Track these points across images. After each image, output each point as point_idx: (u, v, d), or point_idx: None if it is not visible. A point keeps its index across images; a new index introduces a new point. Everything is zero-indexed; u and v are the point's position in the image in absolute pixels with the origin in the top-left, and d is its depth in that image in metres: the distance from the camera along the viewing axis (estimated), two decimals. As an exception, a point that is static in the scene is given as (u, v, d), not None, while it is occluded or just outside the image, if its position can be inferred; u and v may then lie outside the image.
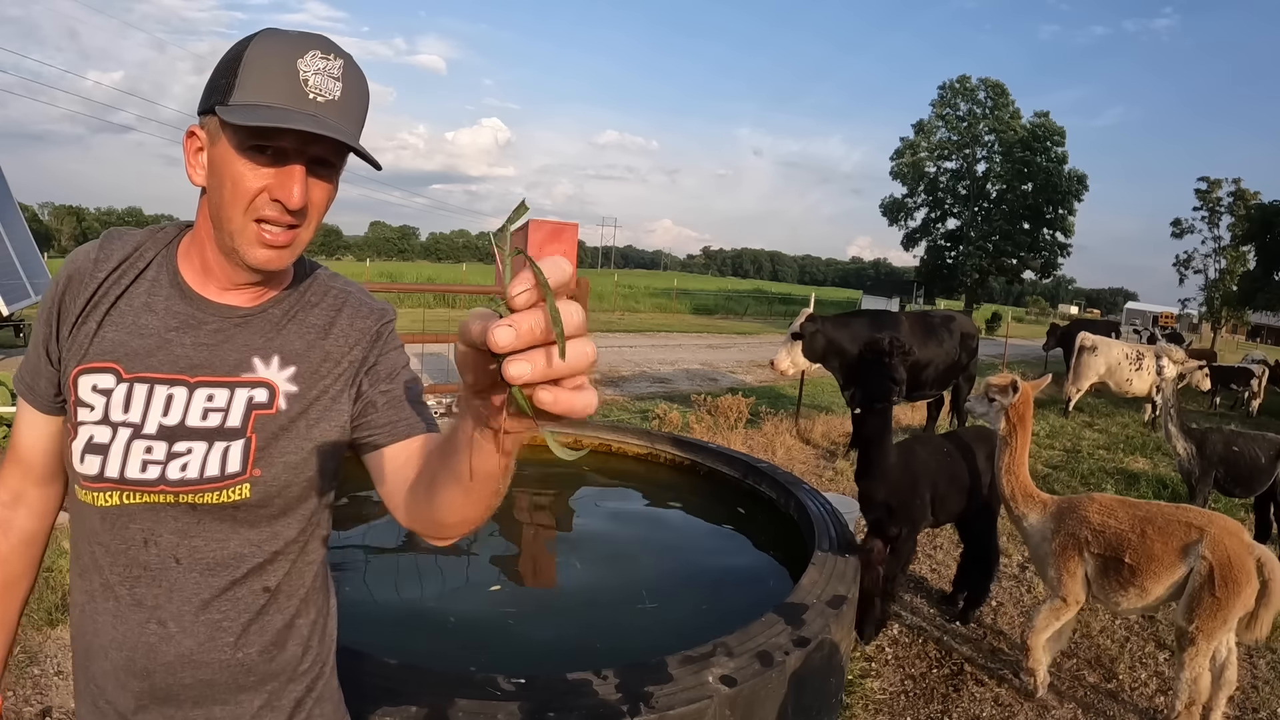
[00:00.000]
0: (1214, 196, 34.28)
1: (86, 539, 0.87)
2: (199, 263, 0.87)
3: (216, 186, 0.80)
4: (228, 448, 0.85)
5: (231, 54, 0.79)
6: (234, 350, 0.87)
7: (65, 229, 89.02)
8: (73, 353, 0.85)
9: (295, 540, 0.92)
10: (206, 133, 0.80)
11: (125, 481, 0.83)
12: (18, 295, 9.26)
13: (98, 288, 0.85)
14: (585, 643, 2.31)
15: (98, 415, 0.83)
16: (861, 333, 6.39)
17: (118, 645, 0.86)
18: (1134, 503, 2.87)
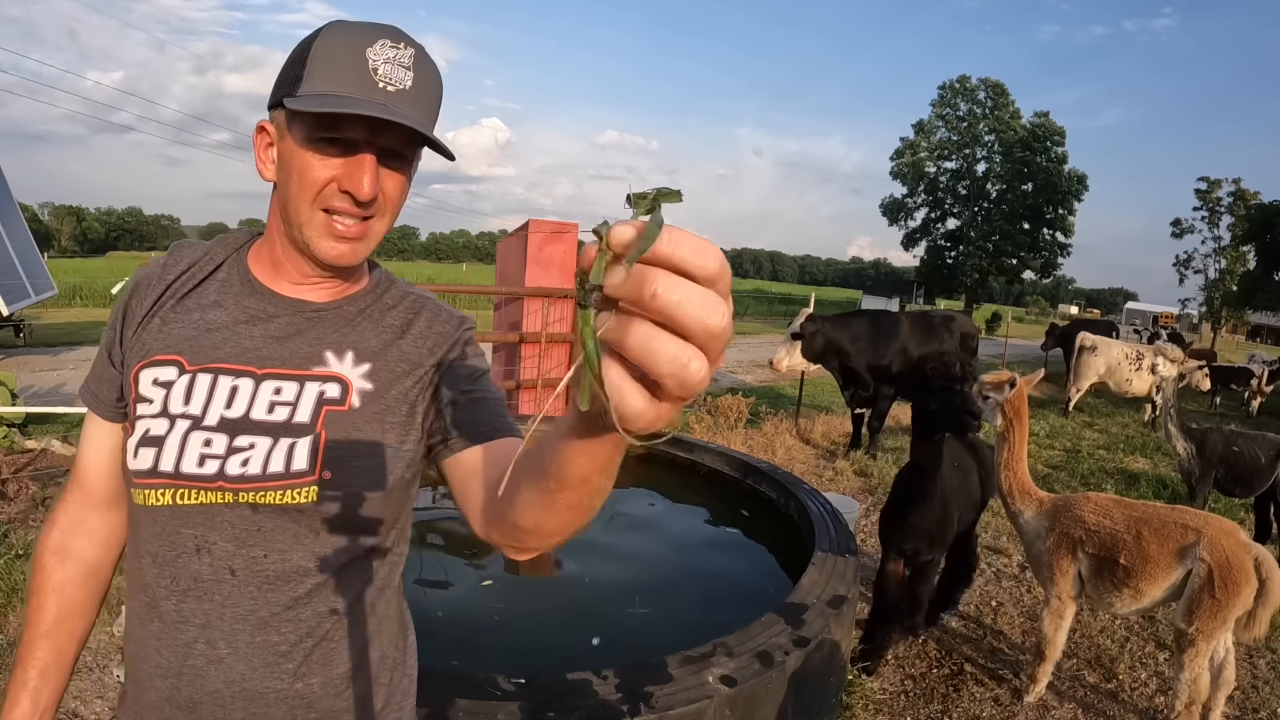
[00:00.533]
0: (1214, 196, 34.29)
1: (137, 553, 0.81)
2: (269, 259, 0.85)
3: (285, 179, 0.77)
4: (294, 444, 0.78)
5: (300, 47, 0.77)
6: (305, 343, 0.83)
7: (65, 229, 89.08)
8: (135, 351, 0.82)
9: (366, 558, 0.83)
10: (276, 127, 0.78)
11: (180, 476, 0.76)
12: (18, 295, 9.27)
13: (165, 289, 0.84)
14: (585, 643, 2.31)
15: (156, 408, 0.78)
16: (862, 332, 6.40)
17: (162, 672, 0.78)
18: (1130, 503, 2.87)
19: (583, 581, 2.82)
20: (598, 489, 0.57)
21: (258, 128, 0.80)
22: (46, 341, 10.70)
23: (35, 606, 0.87)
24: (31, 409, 5.53)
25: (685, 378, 0.34)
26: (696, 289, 0.34)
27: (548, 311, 5.45)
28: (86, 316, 14.62)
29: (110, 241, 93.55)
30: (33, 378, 7.88)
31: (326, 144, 0.75)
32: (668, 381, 0.35)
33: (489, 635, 2.34)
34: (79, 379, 8.00)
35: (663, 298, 0.33)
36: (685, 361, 0.34)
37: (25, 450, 4.88)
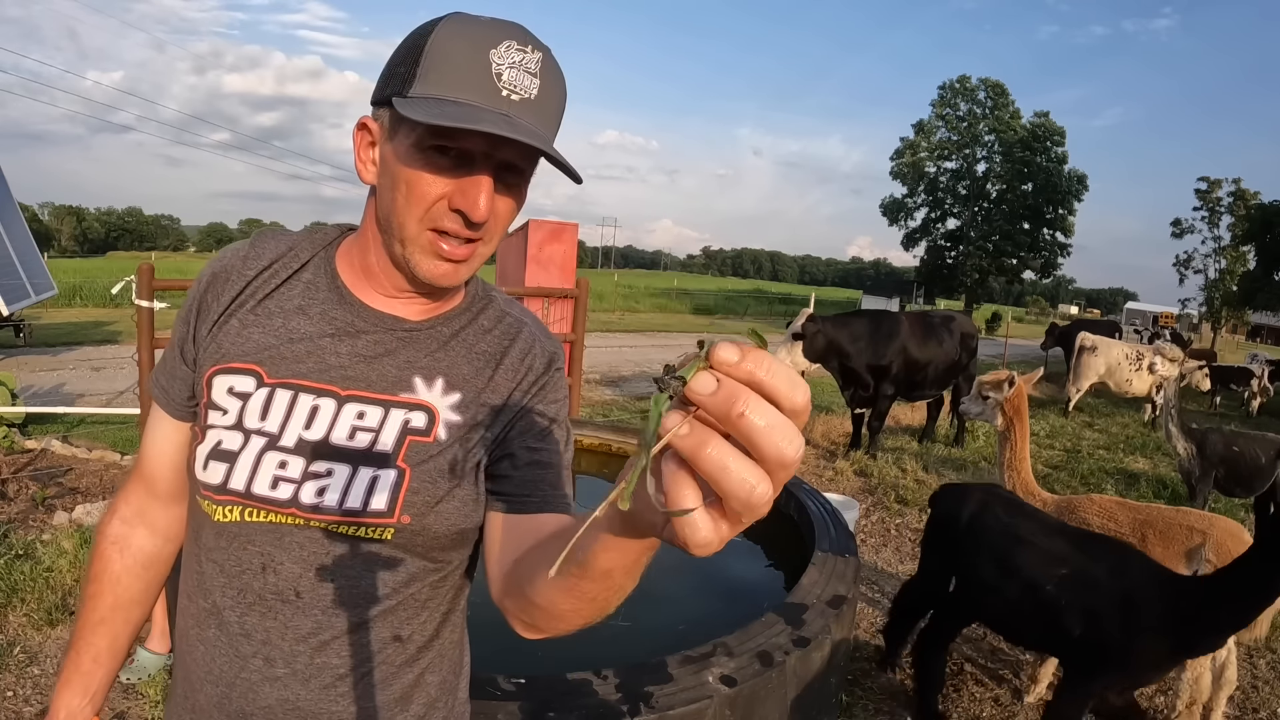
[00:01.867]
0: (1214, 196, 34.27)
1: (199, 555, 0.78)
2: (360, 265, 0.78)
3: (389, 187, 0.70)
4: (375, 477, 0.73)
5: (413, 39, 0.68)
6: (394, 365, 0.77)
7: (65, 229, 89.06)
8: (210, 352, 0.76)
9: (435, 589, 0.80)
10: (380, 126, 0.71)
11: (251, 496, 0.73)
12: (18, 295, 9.26)
13: (245, 285, 0.77)
14: (585, 643, 2.31)
15: (230, 420, 0.74)
16: (862, 332, 6.40)
17: (214, 679, 0.77)
18: (1133, 505, 2.86)
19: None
20: (618, 587, 0.55)
21: (359, 125, 0.73)
22: (46, 341, 10.70)
23: (92, 593, 0.85)
24: (31, 409, 5.53)
25: (751, 501, 0.34)
26: (781, 417, 0.34)
27: (548, 311, 5.45)
28: (86, 316, 14.61)
29: (110, 241, 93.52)
30: (33, 378, 7.88)
31: (438, 154, 0.67)
32: (733, 502, 0.34)
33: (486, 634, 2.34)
34: (79, 379, 8.01)
35: (749, 419, 0.33)
36: (754, 485, 0.34)
37: (25, 450, 4.88)
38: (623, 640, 2.36)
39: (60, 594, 3.02)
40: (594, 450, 4.05)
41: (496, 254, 6.85)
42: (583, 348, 5.75)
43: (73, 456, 4.91)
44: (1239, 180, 33.89)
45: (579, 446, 4.07)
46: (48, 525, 3.71)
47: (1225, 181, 34.15)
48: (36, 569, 3.12)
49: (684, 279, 73.64)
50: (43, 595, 2.97)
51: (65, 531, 3.53)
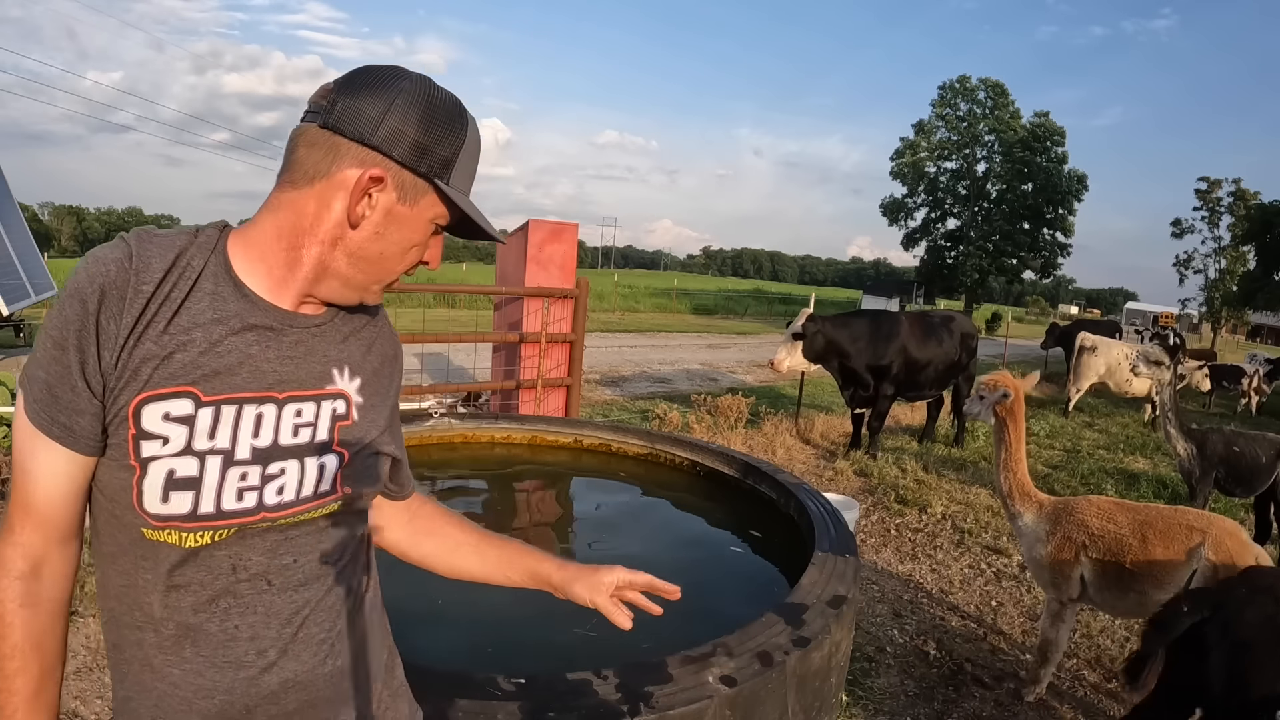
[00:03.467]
0: (1214, 196, 34.30)
1: (152, 585, 0.77)
2: (263, 271, 0.80)
3: (384, 239, 0.80)
4: (321, 464, 0.83)
5: (454, 118, 0.80)
6: (316, 361, 0.84)
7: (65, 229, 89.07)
8: (128, 381, 0.73)
9: (363, 539, 0.94)
10: (400, 187, 0.78)
11: (223, 515, 0.76)
12: (18, 295, 9.26)
13: (146, 304, 0.74)
14: (585, 643, 2.31)
15: (177, 446, 0.74)
16: (861, 332, 6.40)
17: (208, 693, 0.79)
18: (1132, 506, 2.86)
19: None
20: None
21: (375, 174, 0.76)
22: (46, 341, 10.70)
23: (17, 669, 0.76)
24: (31, 409, 5.51)
25: None
26: None
27: (548, 311, 5.45)
28: (86, 316, 14.60)
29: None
30: (33, 378, 7.88)
31: (437, 228, 0.84)
32: None
33: (483, 633, 2.34)
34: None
35: None
36: None
37: (25, 450, 4.88)
38: (623, 640, 2.36)
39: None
40: (594, 450, 4.05)
41: (497, 254, 6.87)
42: (583, 348, 5.76)
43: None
44: (1239, 180, 33.94)
45: (579, 446, 4.07)
46: (48, 525, 3.71)
47: (1225, 181, 34.20)
48: (36, 569, 3.12)
49: (684, 279, 73.65)
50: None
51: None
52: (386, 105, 0.76)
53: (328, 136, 0.76)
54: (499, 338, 5.87)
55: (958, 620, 3.58)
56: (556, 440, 4.09)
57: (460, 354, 10.36)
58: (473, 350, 10.40)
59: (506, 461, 3.93)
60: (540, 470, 3.91)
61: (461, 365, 9.61)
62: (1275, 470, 4.53)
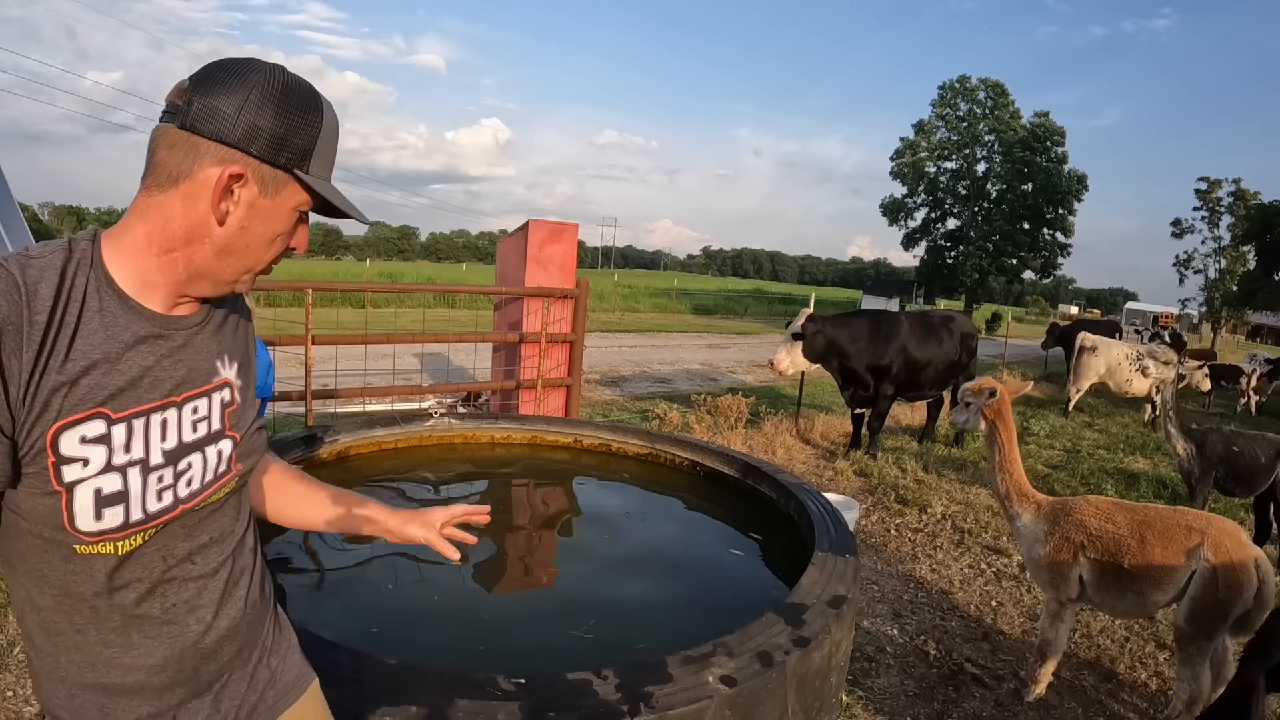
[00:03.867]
0: (1214, 196, 34.30)
1: (77, 600, 0.82)
2: (139, 279, 0.81)
3: (250, 232, 0.82)
4: (219, 450, 0.91)
5: (308, 106, 0.82)
6: (203, 359, 0.89)
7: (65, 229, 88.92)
8: (39, 413, 0.74)
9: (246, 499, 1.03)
10: (260, 181, 0.81)
11: (150, 519, 0.83)
12: (18, 295, 9.25)
13: (44, 337, 0.73)
14: (585, 643, 2.31)
15: (97, 466, 0.78)
16: (861, 332, 6.40)
17: (160, 669, 0.88)
18: (1130, 506, 2.86)
19: (584, 583, 2.82)
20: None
21: (234, 171, 0.78)
22: (46, 341, 10.70)
23: None
24: (31, 409, 5.51)
25: None
26: None
27: (548, 311, 5.45)
28: (86, 316, 14.60)
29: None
30: (33, 378, 7.88)
31: (301, 215, 0.87)
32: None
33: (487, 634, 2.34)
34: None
35: None
36: None
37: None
38: (623, 640, 2.36)
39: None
40: (594, 450, 4.05)
41: (497, 254, 6.87)
42: (583, 348, 5.75)
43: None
44: (1239, 180, 33.93)
45: (579, 446, 4.07)
46: (48, 525, 3.71)
47: (1225, 181, 34.19)
48: (37, 569, 3.12)
49: (684, 279, 73.68)
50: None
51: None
52: (241, 101, 0.77)
53: (186, 137, 0.77)
54: (499, 338, 5.87)
55: (958, 620, 3.58)
56: (556, 440, 4.09)
57: (460, 354, 10.35)
58: (473, 350, 10.40)
59: (506, 461, 3.93)
60: (540, 470, 3.91)
61: (461, 365, 9.61)
62: (1275, 470, 4.53)
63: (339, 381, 5.29)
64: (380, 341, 4.98)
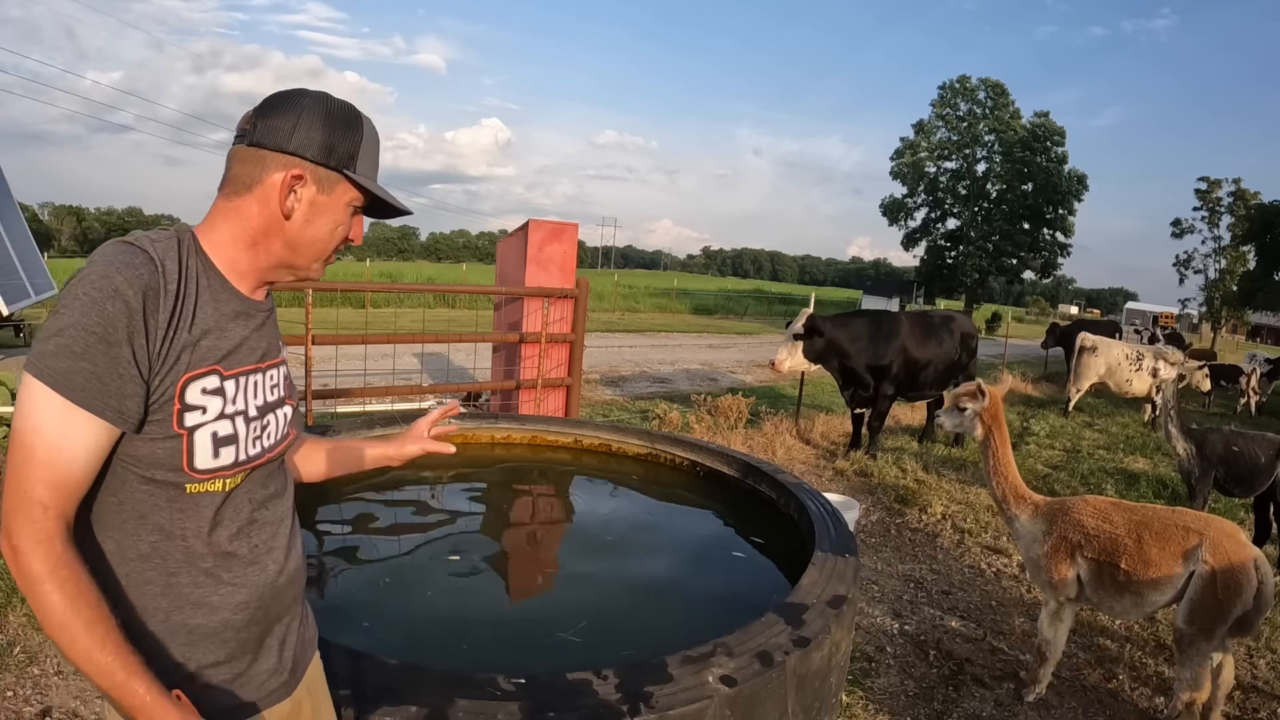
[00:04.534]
0: (1214, 196, 34.30)
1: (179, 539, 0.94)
2: (232, 266, 1.00)
3: (313, 224, 1.00)
4: (286, 413, 1.09)
5: (350, 120, 1.00)
6: (273, 337, 1.08)
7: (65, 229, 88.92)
8: (169, 364, 0.90)
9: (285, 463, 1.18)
10: (317, 180, 0.98)
11: (249, 460, 0.99)
12: (18, 295, 9.26)
13: (175, 305, 0.91)
14: (585, 642, 2.31)
15: (215, 413, 0.94)
16: (862, 332, 6.40)
17: (242, 605, 1.00)
18: (1129, 506, 2.86)
19: (584, 583, 2.82)
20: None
21: (295, 174, 0.96)
22: (46, 341, 10.69)
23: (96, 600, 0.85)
24: (31, 409, 5.51)
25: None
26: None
27: (548, 311, 5.45)
28: (86, 316, 14.60)
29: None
30: (33, 378, 7.88)
31: (355, 209, 1.04)
32: None
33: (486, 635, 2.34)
34: (79, 379, 7.99)
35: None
36: None
37: (25, 450, 4.88)
38: (623, 640, 2.36)
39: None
40: (594, 450, 4.05)
41: (497, 254, 6.87)
42: (583, 348, 5.75)
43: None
44: (1239, 180, 33.95)
45: (579, 446, 4.07)
46: (48, 525, 3.71)
47: (1225, 181, 34.20)
48: (37, 569, 3.12)
49: (684, 279, 73.65)
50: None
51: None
52: (295, 119, 0.96)
53: (254, 152, 0.96)
54: (499, 338, 5.87)
55: (958, 620, 3.58)
56: (556, 440, 4.09)
57: (460, 354, 10.36)
58: (473, 350, 10.40)
59: (506, 461, 3.93)
60: (540, 470, 3.91)
61: (461, 365, 9.61)
62: (1275, 470, 4.53)
63: (339, 381, 5.29)
64: (380, 341, 4.98)
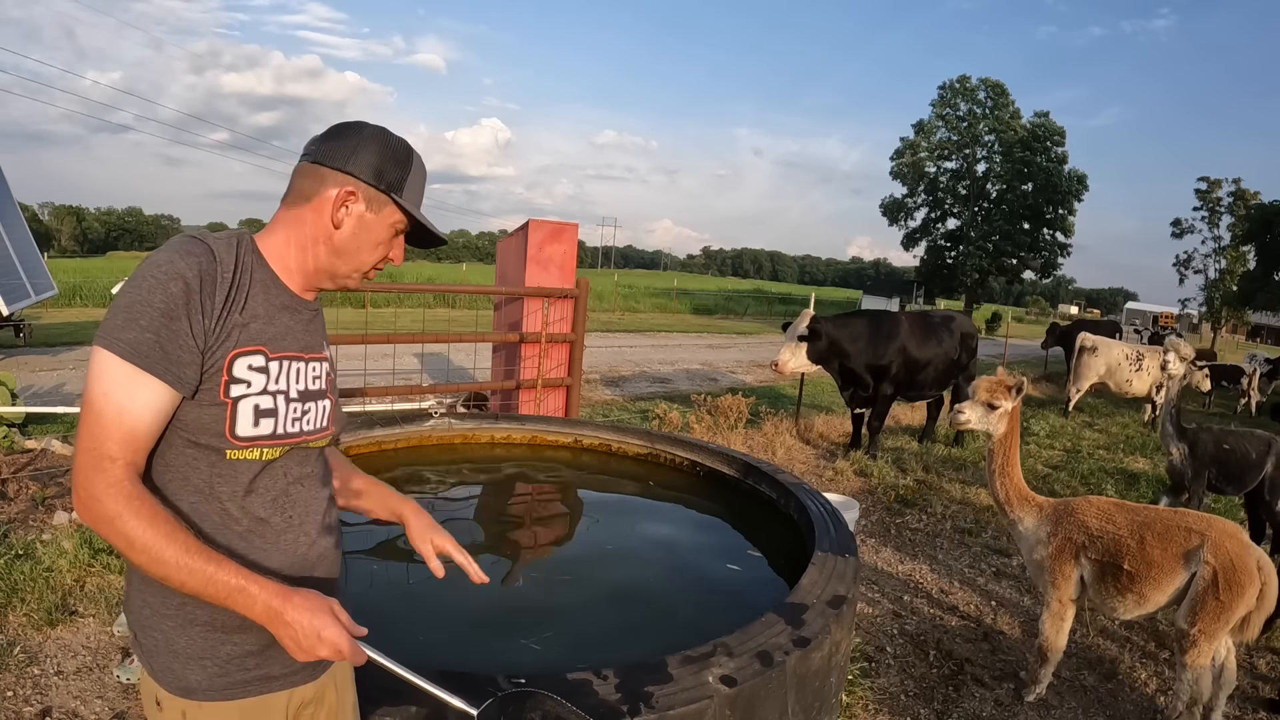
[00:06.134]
0: (1214, 196, 34.30)
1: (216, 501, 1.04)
2: (284, 268, 1.12)
3: (358, 238, 1.11)
4: (324, 406, 1.17)
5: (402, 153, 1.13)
6: (318, 334, 1.19)
7: (65, 229, 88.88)
8: (220, 340, 1.01)
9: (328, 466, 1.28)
10: (368, 199, 1.10)
11: (287, 436, 1.09)
12: (18, 295, 9.26)
13: (229, 290, 1.03)
14: (585, 643, 2.31)
15: (259, 388, 1.05)
16: (862, 332, 6.39)
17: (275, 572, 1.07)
18: (1132, 507, 2.85)
19: (584, 583, 2.82)
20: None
21: (348, 190, 1.08)
22: (46, 341, 10.70)
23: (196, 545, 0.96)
24: (31, 409, 5.52)
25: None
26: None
27: (548, 311, 5.45)
28: (86, 316, 14.61)
29: (110, 241, 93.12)
30: (33, 378, 7.89)
31: (397, 231, 1.15)
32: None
33: (497, 637, 2.34)
34: (79, 379, 8.00)
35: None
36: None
37: (25, 450, 4.88)
38: (623, 640, 2.36)
39: (60, 594, 3.02)
40: (594, 450, 4.05)
41: (497, 254, 6.86)
42: (583, 348, 5.75)
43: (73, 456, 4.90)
44: (1239, 180, 33.95)
45: (579, 446, 4.07)
46: (48, 525, 3.71)
47: (1225, 181, 34.21)
48: (36, 569, 3.12)
49: (684, 279, 73.62)
50: (43, 595, 2.97)
51: (65, 531, 3.53)
52: (355, 144, 1.09)
53: (315, 169, 1.09)
54: (499, 338, 5.87)
55: (958, 620, 3.58)
56: (556, 440, 4.09)
57: (460, 354, 10.35)
58: (473, 350, 10.40)
59: (506, 461, 3.93)
60: (540, 470, 3.91)
61: (461, 365, 9.61)
62: (1265, 466, 4.54)
63: (339, 381, 5.28)
64: (380, 341, 4.97)
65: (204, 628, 1.04)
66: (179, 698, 1.05)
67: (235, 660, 1.06)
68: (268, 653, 1.08)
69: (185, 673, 1.04)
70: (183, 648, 1.04)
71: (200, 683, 1.05)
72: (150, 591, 1.04)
